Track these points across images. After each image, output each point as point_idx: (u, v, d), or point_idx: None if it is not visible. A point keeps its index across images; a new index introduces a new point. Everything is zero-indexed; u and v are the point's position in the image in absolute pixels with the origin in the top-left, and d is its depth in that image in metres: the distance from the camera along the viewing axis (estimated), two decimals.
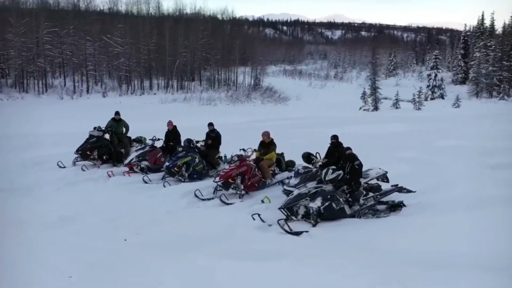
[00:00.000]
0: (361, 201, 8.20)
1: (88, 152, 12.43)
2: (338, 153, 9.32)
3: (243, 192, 9.62)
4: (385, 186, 10.02)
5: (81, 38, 58.13)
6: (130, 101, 51.85)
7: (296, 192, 7.88)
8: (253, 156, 10.47)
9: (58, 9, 67.76)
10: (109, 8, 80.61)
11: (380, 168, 9.98)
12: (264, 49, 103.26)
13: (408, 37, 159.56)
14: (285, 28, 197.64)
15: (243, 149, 10.58)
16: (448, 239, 6.96)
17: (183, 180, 10.81)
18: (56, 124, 27.20)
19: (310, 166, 9.23)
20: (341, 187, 8.11)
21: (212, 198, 9.52)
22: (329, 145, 9.70)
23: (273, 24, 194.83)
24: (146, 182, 10.83)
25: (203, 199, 9.53)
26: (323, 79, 77.31)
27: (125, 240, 7.10)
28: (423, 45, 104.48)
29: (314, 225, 7.58)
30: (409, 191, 8.97)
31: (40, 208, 8.49)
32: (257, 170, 9.96)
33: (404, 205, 8.65)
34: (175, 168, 10.74)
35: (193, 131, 13.04)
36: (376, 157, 13.72)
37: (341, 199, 7.87)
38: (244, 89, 61.26)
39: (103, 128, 13.00)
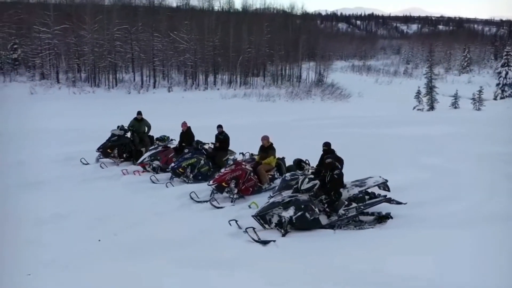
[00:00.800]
0: (342, 212, 8.01)
1: (108, 150, 13.03)
2: (334, 159, 9.16)
3: (235, 196, 9.71)
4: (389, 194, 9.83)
5: (150, 35, 60.23)
6: (192, 96, 53.28)
7: (271, 200, 7.86)
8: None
9: (132, 6, 70.44)
10: (178, 5, 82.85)
11: (380, 177, 9.71)
12: (335, 44, 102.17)
13: (489, 31, 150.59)
14: (358, 22, 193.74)
15: (242, 153, 10.64)
16: (420, 260, 6.55)
17: (187, 181, 11.06)
18: (112, 118, 28.52)
19: (298, 173, 9.13)
20: (320, 197, 7.98)
21: (206, 201, 9.68)
22: (322, 152, 9.55)
23: (347, 19, 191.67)
24: (154, 182, 11.18)
25: (198, 201, 9.72)
26: (391, 75, 75.16)
27: (99, 240, 7.45)
28: (504, 40, 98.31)
29: (283, 235, 7.52)
30: (398, 203, 8.65)
31: (40, 204, 9.07)
32: (252, 175, 9.99)
33: (391, 217, 8.36)
34: (180, 169, 11.02)
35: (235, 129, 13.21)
36: (399, 161, 13.37)
37: (316, 209, 7.73)
38: (306, 85, 60.88)
39: (126, 127, 13.57)
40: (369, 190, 9.74)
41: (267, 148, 10.38)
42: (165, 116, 29.18)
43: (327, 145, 9.43)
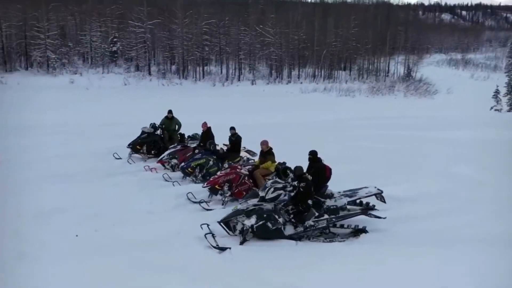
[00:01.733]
0: (310, 223, 7.90)
1: (138, 147, 13.79)
2: (314, 169, 9.05)
3: (227, 199, 9.90)
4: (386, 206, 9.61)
5: (237, 28, 61.50)
6: (273, 89, 53.76)
7: (238, 207, 7.96)
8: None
9: (220, 1, 72.26)
10: None
11: (375, 187, 9.48)
12: (435, 35, 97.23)
13: None
14: (464, 12, 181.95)
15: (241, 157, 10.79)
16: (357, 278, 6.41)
17: (195, 181, 11.43)
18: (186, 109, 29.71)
19: (280, 181, 9.07)
20: (287, 207, 7.96)
21: (201, 202, 9.95)
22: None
23: (451, 9, 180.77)
24: (166, 180, 11.67)
25: (194, 202, 10.04)
26: (490, 70, 70.03)
27: (76, 236, 8.04)
28: None
29: (241, 243, 7.59)
30: (376, 217, 8.34)
31: (47, 197, 9.90)
32: (247, 179, 10.11)
33: (366, 232, 8.11)
34: (189, 169, 11.42)
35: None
36: (426, 169, 12.87)
37: (280, 219, 7.70)
38: (391, 80, 58.81)
39: (158, 125, 14.27)
40: (364, 201, 9.52)
41: (265, 153, 10.43)
42: (232, 110, 29.78)
43: (312, 154, 9.28)
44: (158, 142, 13.97)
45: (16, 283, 6.40)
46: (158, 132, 14.23)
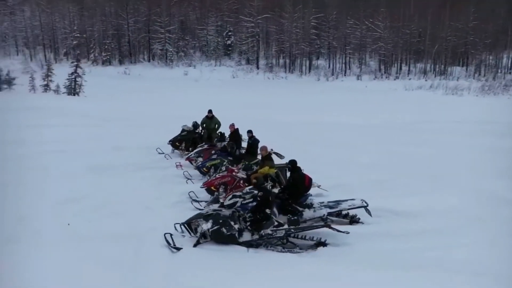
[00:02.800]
0: (267, 232, 8.07)
1: (177, 143, 14.75)
2: (292, 178, 9.17)
3: (222, 200, 10.35)
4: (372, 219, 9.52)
5: (345, 22, 60.64)
6: (377, 85, 52.39)
7: (202, 210, 8.41)
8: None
9: None
10: None
11: (361, 200, 9.36)
12: None
13: None
14: None
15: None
16: None
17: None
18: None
19: (248, 190, 9.25)
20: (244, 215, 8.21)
21: (193, 201, 10.49)
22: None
23: None
24: (186, 178, 12.42)
25: (195, 201, 10.65)
26: None
27: (68, 224, 9.07)
28: None
29: (195, 245, 8.02)
30: (338, 231, 8.24)
31: (72, 188, 11.14)
32: (242, 182, 10.46)
33: (325, 245, 8.11)
34: (204, 169, 12.06)
35: None
36: (453, 182, 12.12)
37: (235, 226, 7.99)
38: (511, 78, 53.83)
39: (199, 124, 15.14)
40: (352, 212, 9.48)
41: (264, 158, 10.70)
42: (323, 107, 29.61)
43: (291, 164, 9.38)
44: (196, 139, 14.79)
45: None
46: (199, 130, 15.05)
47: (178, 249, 7.84)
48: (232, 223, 7.99)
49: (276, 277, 7.00)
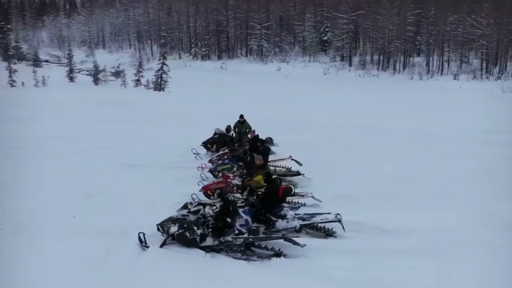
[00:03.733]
0: (228, 239, 8.62)
1: (209, 145, 15.65)
2: (266, 189, 9.61)
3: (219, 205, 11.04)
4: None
5: (444, 19, 57.85)
6: (473, 86, 49.50)
7: (173, 214, 9.18)
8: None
9: None
10: None
11: (336, 215, 9.54)
12: None
13: None
14: None
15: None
16: None
17: None
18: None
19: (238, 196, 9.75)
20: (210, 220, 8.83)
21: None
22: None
23: None
24: (203, 179, 13.23)
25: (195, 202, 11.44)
26: None
27: (74, 216, 10.31)
28: None
29: (160, 246, 8.81)
30: (294, 243, 8.52)
31: (94, 183, 12.41)
32: (235, 189, 11.04)
33: (283, 255, 8.50)
34: (216, 172, 12.81)
35: None
36: (466, 201, 11.69)
37: (198, 231, 8.64)
38: None
39: (231, 127, 15.94)
40: (328, 226, 9.71)
41: (258, 167, 11.20)
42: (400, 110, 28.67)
43: (266, 176, 9.80)
44: (228, 142, 15.57)
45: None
46: (231, 133, 15.84)
47: (146, 247, 8.71)
48: (195, 228, 8.67)
49: (221, 282, 7.62)
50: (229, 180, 11.21)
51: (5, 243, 8.82)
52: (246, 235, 8.69)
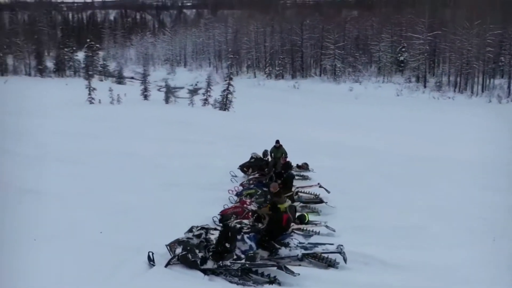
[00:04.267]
0: (226, 263, 9.12)
1: (245, 168, 16.25)
2: (270, 218, 10.03)
3: None
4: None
5: None
6: None
7: (180, 236, 9.82)
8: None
9: None
10: None
11: (339, 246, 9.74)
12: None
13: None
14: None
15: None
16: None
17: None
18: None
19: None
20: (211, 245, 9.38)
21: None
22: None
23: None
24: (231, 202, 13.81)
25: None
26: None
27: (101, 232, 11.29)
28: None
29: (165, 266, 9.45)
30: (288, 272, 8.80)
31: (130, 200, 13.42)
32: (250, 214, 11.52)
33: (277, 283, 8.84)
34: (241, 196, 13.39)
35: None
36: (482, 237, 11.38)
37: (199, 254, 9.22)
38: None
39: (268, 152, 16.46)
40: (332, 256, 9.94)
41: (273, 195, 11.61)
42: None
43: (271, 205, 10.20)
44: (263, 167, 16.10)
45: None
46: (267, 158, 16.36)
47: (152, 265, 9.45)
48: (197, 251, 9.30)
49: None
50: (245, 205, 11.73)
51: (34, 252, 9.87)
52: (243, 261, 9.16)
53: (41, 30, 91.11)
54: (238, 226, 10.21)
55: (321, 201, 13.25)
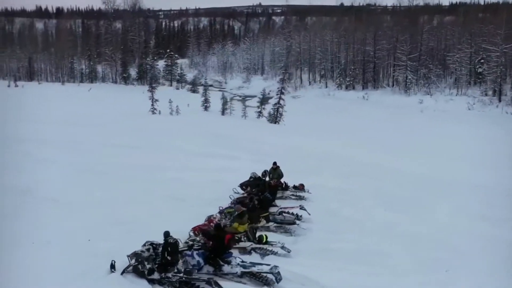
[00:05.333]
0: (168, 275, 10.52)
1: (244, 186, 17.49)
2: (213, 237, 11.28)
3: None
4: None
5: None
6: None
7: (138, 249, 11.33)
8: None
9: None
10: None
11: (273, 267, 10.71)
12: None
13: None
14: None
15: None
16: None
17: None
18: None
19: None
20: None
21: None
22: None
23: None
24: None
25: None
26: None
27: (89, 240, 13.06)
28: None
29: (121, 273, 10.99)
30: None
31: (132, 212, 15.15)
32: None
33: None
34: (223, 214, 14.68)
35: None
36: None
37: (147, 265, 10.68)
38: None
39: (267, 173, 17.62)
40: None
41: (236, 216, 12.84)
42: None
43: (215, 227, 11.45)
44: (259, 186, 17.24)
45: None
46: (266, 178, 17.52)
47: (113, 270, 11.08)
48: (146, 263, 10.82)
49: None
50: (211, 223, 13.04)
51: (29, 256, 11.83)
52: (182, 274, 10.56)
53: (133, 39, 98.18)
54: (191, 243, 11.62)
55: (293, 223, 14.22)
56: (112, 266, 11.02)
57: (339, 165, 22.93)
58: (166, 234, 10.97)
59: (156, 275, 10.68)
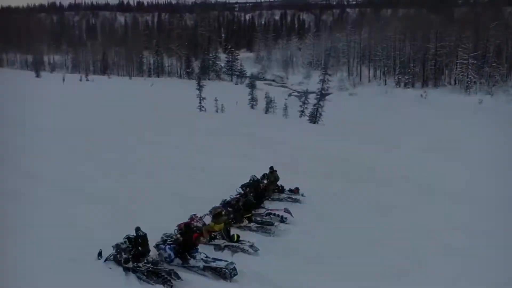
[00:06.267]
0: (139, 265, 12.35)
1: (244, 188, 18.88)
2: (183, 235, 12.96)
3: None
4: None
5: None
6: None
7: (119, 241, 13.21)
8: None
9: None
10: None
11: (229, 263, 12.35)
12: None
13: None
14: None
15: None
16: None
17: None
18: None
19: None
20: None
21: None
22: None
23: None
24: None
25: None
26: None
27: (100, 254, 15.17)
28: None
29: (104, 261, 12.78)
30: (176, 277, 11.74)
31: (136, 211, 17.09)
32: (195, 229, 14.42)
33: (168, 284, 11.79)
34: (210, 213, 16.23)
35: None
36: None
37: (124, 256, 12.52)
38: None
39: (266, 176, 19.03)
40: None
41: (213, 216, 14.44)
42: None
43: (185, 227, 13.10)
44: (257, 188, 18.65)
45: None
46: (264, 181, 18.94)
47: (100, 257, 13.00)
48: (123, 253, 12.72)
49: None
50: (193, 221, 14.73)
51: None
52: (149, 265, 12.40)
53: (202, 34, 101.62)
54: (165, 238, 13.44)
55: (272, 224, 15.64)
56: (99, 254, 12.98)
57: (351, 170, 23.62)
58: (137, 229, 12.76)
59: (130, 264, 12.56)
